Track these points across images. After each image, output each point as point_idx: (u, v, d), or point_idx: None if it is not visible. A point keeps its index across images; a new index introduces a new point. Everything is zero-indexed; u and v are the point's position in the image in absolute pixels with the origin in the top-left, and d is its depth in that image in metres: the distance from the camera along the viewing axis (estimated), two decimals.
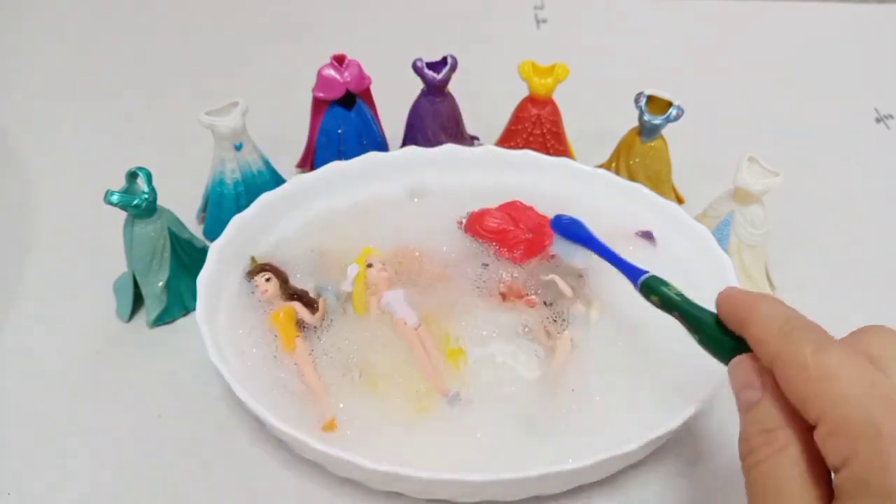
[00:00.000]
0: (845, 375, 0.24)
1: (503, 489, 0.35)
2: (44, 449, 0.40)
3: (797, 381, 0.25)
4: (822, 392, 0.24)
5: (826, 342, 0.26)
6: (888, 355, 0.25)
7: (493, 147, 0.51)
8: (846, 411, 0.23)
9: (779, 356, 0.26)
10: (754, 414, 0.27)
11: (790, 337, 0.26)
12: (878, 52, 0.74)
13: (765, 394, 0.27)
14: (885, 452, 0.22)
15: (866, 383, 0.24)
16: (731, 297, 0.30)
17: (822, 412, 0.24)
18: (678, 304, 0.33)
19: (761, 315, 0.28)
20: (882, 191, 0.58)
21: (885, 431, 0.22)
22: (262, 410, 0.35)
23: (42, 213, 0.54)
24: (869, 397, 0.23)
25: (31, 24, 0.75)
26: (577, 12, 0.78)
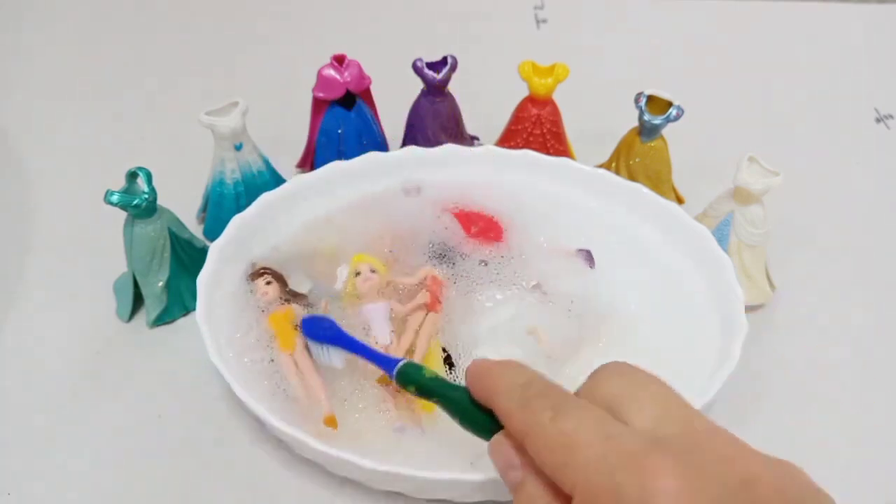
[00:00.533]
0: (583, 439, 0.24)
1: (503, 489, 0.35)
2: (44, 449, 0.40)
3: (544, 454, 0.25)
4: (566, 461, 0.24)
5: (563, 405, 0.25)
6: (623, 396, 0.26)
7: (493, 147, 0.51)
8: (590, 478, 0.23)
9: (522, 430, 0.26)
10: (522, 494, 0.26)
11: (529, 406, 0.26)
12: (878, 52, 0.74)
13: (526, 472, 0.26)
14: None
15: (602, 441, 0.24)
16: (477, 369, 0.29)
17: (572, 483, 0.24)
18: (434, 387, 0.32)
19: (502, 388, 0.27)
20: (882, 191, 0.58)
21: (627, 495, 0.22)
22: (261, 410, 0.35)
23: (42, 213, 0.54)
24: (607, 457, 0.23)
25: (31, 24, 0.75)
26: (577, 12, 0.78)
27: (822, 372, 0.44)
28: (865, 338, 0.47)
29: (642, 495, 0.22)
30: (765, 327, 0.46)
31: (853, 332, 0.47)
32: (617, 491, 0.23)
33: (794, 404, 0.42)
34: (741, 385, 0.37)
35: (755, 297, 0.46)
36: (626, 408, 0.25)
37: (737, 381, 0.37)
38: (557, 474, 0.24)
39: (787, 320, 0.47)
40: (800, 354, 0.45)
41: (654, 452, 0.23)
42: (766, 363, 0.44)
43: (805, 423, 0.42)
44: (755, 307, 0.47)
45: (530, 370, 0.28)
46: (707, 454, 0.24)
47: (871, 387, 0.44)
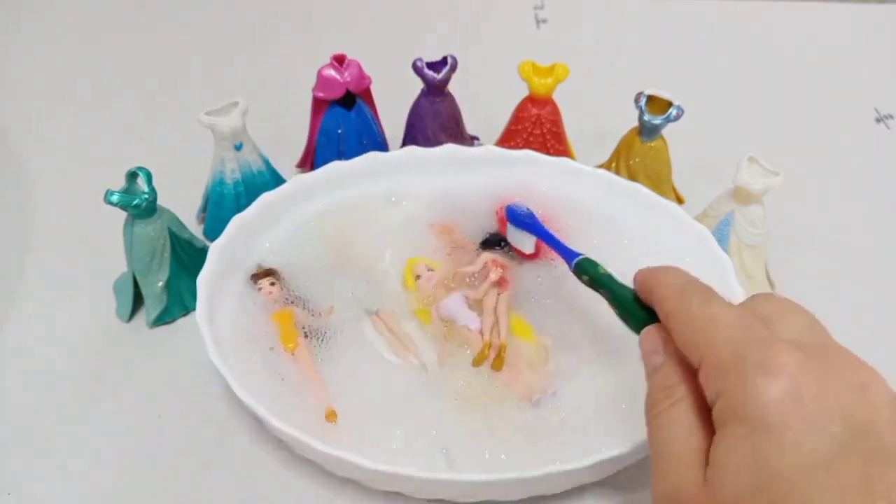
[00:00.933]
0: (723, 321, 0.26)
1: (503, 489, 0.35)
2: (44, 449, 0.40)
3: (685, 330, 0.28)
4: (703, 337, 0.27)
5: (712, 297, 0.28)
6: (774, 310, 0.28)
7: (493, 147, 0.51)
8: (721, 351, 0.26)
9: (672, 311, 0.29)
10: (658, 375, 0.29)
11: (683, 294, 0.29)
12: (878, 52, 0.74)
13: (667, 357, 0.29)
14: (748, 381, 0.24)
15: (740, 326, 0.26)
16: (645, 271, 0.32)
17: (702, 355, 0.26)
18: (604, 281, 0.36)
19: (664, 281, 0.31)
20: (882, 191, 0.58)
21: (749, 365, 0.24)
22: (262, 410, 0.35)
23: (42, 213, 0.54)
24: (741, 337, 0.26)
25: (31, 24, 0.75)
26: (577, 12, 0.78)
27: None
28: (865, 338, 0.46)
29: (764, 366, 0.24)
30: None
31: (853, 333, 0.46)
32: (741, 358, 0.25)
33: None
34: None
35: None
36: (773, 323, 0.27)
37: None
38: (692, 348, 0.27)
39: None
40: None
41: (785, 343, 0.25)
42: None
43: None
44: None
45: (690, 274, 0.31)
46: (835, 359, 0.25)
47: None
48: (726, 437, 0.24)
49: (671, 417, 0.27)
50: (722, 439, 0.24)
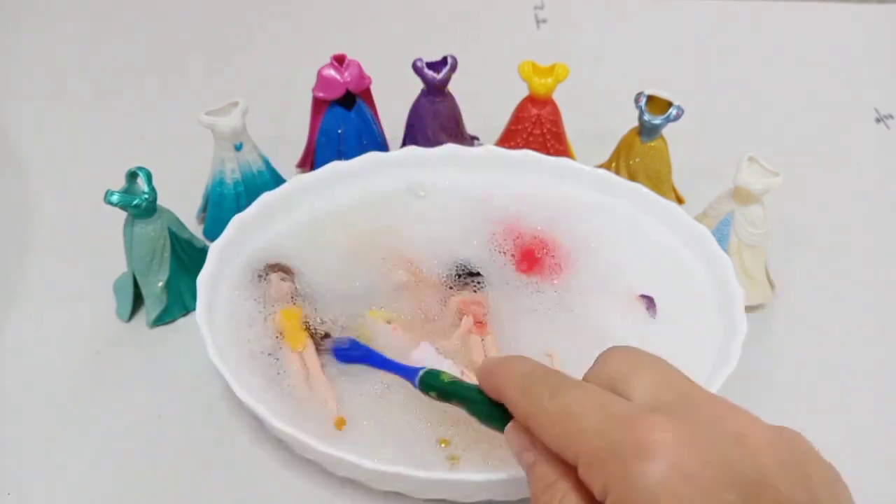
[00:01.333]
0: (580, 409, 0.25)
1: (503, 489, 0.35)
2: (44, 449, 0.40)
3: (546, 431, 0.26)
4: (566, 432, 0.25)
5: (560, 385, 0.27)
6: (625, 373, 0.27)
7: (493, 147, 0.51)
8: (589, 443, 0.24)
9: (526, 413, 0.27)
10: (535, 473, 0.27)
11: (530, 390, 0.27)
12: (878, 52, 0.74)
13: (537, 453, 0.27)
14: (628, 471, 0.23)
15: (598, 409, 0.25)
16: (485, 366, 0.31)
17: (574, 452, 0.25)
18: (453, 390, 0.33)
19: (507, 378, 0.29)
20: (882, 191, 0.58)
21: (624, 450, 0.23)
22: (262, 410, 0.35)
23: (42, 213, 0.54)
24: (604, 423, 0.24)
25: (31, 24, 0.75)
26: (577, 12, 0.78)
27: (822, 372, 0.44)
28: (865, 338, 0.47)
29: (639, 449, 0.23)
30: (765, 327, 0.46)
31: (853, 332, 0.47)
32: (614, 448, 0.23)
33: (793, 404, 0.42)
34: (741, 385, 0.37)
35: (755, 297, 0.46)
36: (626, 384, 0.26)
37: (737, 381, 0.37)
38: (560, 446, 0.26)
39: (787, 320, 0.47)
40: (800, 354, 0.45)
41: (648, 413, 0.24)
42: (766, 363, 0.44)
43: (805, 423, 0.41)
44: (755, 307, 0.47)
45: (533, 361, 0.30)
46: (702, 413, 0.24)
47: (871, 386, 0.44)
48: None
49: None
50: None
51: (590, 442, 0.24)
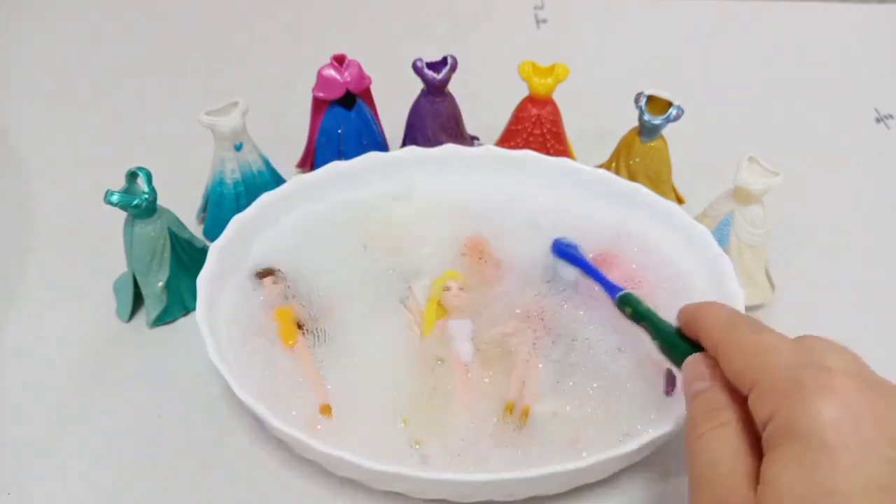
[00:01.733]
0: (775, 349, 0.27)
1: (503, 489, 0.35)
2: (44, 449, 0.40)
3: (736, 357, 0.28)
4: (755, 363, 0.27)
5: (763, 327, 0.29)
6: (821, 349, 0.28)
7: (493, 147, 0.51)
8: (775, 375, 0.26)
9: (722, 340, 0.29)
10: (702, 398, 0.29)
11: (733, 324, 0.30)
12: (878, 52, 0.74)
13: (713, 383, 0.29)
14: (806, 401, 0.24)
15: (795, 352, 0.27)
16: (688, 306, 0.34)
17: (754, 380, 0.27)
18: (647, 315, 0.37)
19: (710, 313, 0.32)
20: (882, 191, 0.58)
21: (807, 384, 0.25)
22: (262, 410, 0.35)
23: (42, 213, 0.54)
24: (795, 362, 0.26)
25: (31, 24, 0.75)
26: (577, 12, 0.78)
27: None
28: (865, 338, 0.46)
29: (820, 387, 0.24)
30: None
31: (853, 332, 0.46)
32: (797, 382, 0.25)
33: None
34: None
35: (755, 297, 0.46)
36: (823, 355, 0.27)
37: None
38: (743, 374, 0.27)
39: (787, 320, 0.47)
40: None
41: (840, 371, 0.26)
42: None
43: None
44: (755, 307, 0.47)
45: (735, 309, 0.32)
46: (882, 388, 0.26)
47: None
48: (780, 456, 0.24)
49: (717, 439, 0.27)
50: (776, 459, 0.24)
51: (776, 373, 0.26)
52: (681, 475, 0.39)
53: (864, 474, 0.23)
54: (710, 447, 0.27)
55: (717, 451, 0.27)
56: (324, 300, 0.43)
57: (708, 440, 0.27)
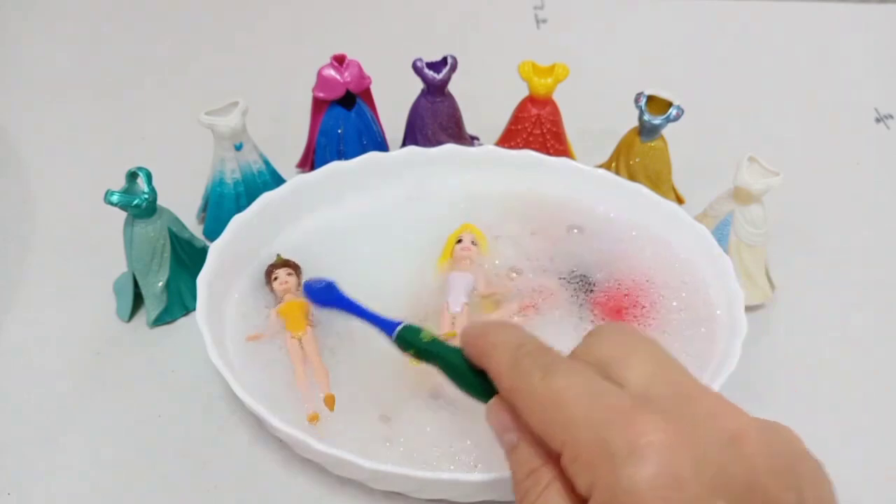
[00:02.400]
0: (572, 396, 0.24)
1: (503, 489, 0.35)
2: (44, 449, 0.40)
3: (533, 413, 0.25)
4: (555, 419, 0.24)
5: (553, 365, 0.25)
6: (619, 357, 0.26)
7: (493, 147, 0.51)
8: (577, 434, 0.23)
9: (512, 389, 0.26)
10: (517, 457, 0.26)
11: (519, 366, 0.26)
12: (878, 52, 0.74)
13: (521, 435, 0.26)
14: (617, 473, 0.22)
15: (591, 398, 0.24)
16: (472, 330, 0.29)
17: (560, 440, 0.24)
18: (433, 350, 0.31)
19: (496, 347, 0.27)
20: (882, 191, 0.58)
21: (615, 451, 0.22)
22: (262, 410, 0.35)
23: (42, 213, 0.54)
24: (595, 414, 0.23)
25: (31, 24, 0.75)
26: (577, 12, 0.78)
27: (821, 372, 0.44)
28: (865, 338, 0.47)
29: (630, 449, 0.22)
30: (765, 327, 0.46)
31: (853, 332, 0.47)
32: (604, 446, 0.22)
33: (793, 404, 0.42)
34: (741, 385, 0.37)
35: (755, 297, 0.46)
36: (620, 369, 0.25)
37: (737, 381, 0.37)
38: (547, 432, 0.24)
39: (787, 320, 0.47)
40: (800, 354, 0.45)
41: (641, 409, 0.23)
42: (766, 363, 0.44)
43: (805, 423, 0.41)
44: (755, 307, 0.47)
45: (524, 331, 0.28)
46: (696, 411, 0.24)
47: (871, 387, 0.44)
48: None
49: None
50: None
51: (579, 434, 0.23)
52: None
53: None
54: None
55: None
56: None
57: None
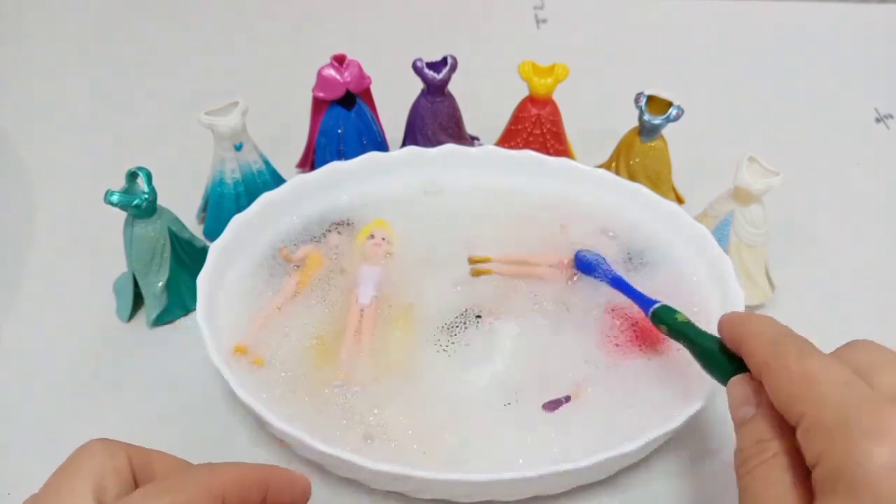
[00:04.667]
0: (824, 378, 0.26)
1: (503, 489, 0.35)
2: (44, 449, 0.40)
3: (781, 386, 0.27)
4: (802, 394, 0.26)
5: (810, 350, 0.27)
6: (872, 363, 0.27)
7: (493, 147, 0.51)
8: (822, 411, 0.25)
9: (767, 364, 0.28)
10: (749, 427, 0.28)
11: (778, 346, 0.28)
12: (878, 52, 0.74)
13: (759, 409, 0.28)
14: (854, 446, 0.23)
15: (843, 384, 0.25)
16: (731, 318, 0.32)
17: (801, 413, 0.25)
18: (684, 330, 0.35)
19: (755, 330, 0.30)
20: (882, 191, 0.58)
21: (854, 429, 0.23)
22: (262, 410, 0.35)
23: (42, 213, 0.54)
24: (845, 397, 0.25)
25: (30, 24, 0.75)
26: (577, 12, 0.78)
27: None
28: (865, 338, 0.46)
29: (872, 429, 0.23)
30: None
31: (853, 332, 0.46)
32: (846, 422, 0.24)
33: None
34: None
35: (755, 297, 0.46)
36: (873, 374, 0.26)
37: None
38: (789, 405, 0.26)
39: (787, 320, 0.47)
40: None
41: (889, 403, 0.24)
42: None
43: None
44: (755, 307, 0.47)
45: (781, 324, 0.30)
46: None
47: None
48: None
49: (766, 474, 0.26)
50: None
51: (823, 409, 0.25)
52: (680, 475, 0.39)
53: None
54: (760, 483, 0.26)
55: (767, 489, 0.26)
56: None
57: (757, 475, 0.27)
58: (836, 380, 0.25)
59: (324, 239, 0.46)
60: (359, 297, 0.43)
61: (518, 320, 0.42)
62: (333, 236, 0.46)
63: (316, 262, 0.45)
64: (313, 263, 0.45)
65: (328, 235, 0.46)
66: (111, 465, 0.27)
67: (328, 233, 0.46)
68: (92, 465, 0.27)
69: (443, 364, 0.40)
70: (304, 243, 0.46)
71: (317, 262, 0.45)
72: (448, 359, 0.40)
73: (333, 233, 0.47)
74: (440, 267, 0.45)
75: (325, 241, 0.46)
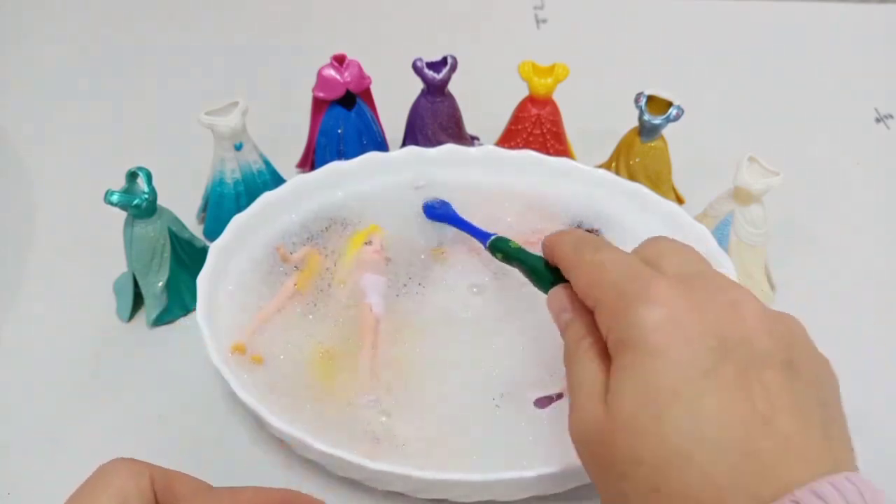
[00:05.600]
0: (611, 266, 0.29)
1: (503, 489, 0.35)
2: (44, 449, 0.40)
3: (580, 278, 0.30)
4: (595, 281, 0.29)
5: (603, 246, 0.31)
6: (660, 252, 0.30)
7: (493, 147, 0.51)
8: (606, 293, 0.28)
9: (569, 262, 0.32)
10: (570, 330, 0.31)
11: (577, 248, 0.32)
12: (878, 52, 0.74)
13: (575, 313, 0.31)
14: (630, 312, 0.26)
15: (625, 267, 0.29)
16: (548, 237, 0.35)
17: (595, 298, 0.29)
18: (516, 254, 0.38)
19: (562, 239, 0.33)
20: (882, 191, 0.58)
21: (630, 296, 0.27)
22: (262, 410, 0.35)
23: (42, 213, 0.54)
24: (625, 277, 0.28)
25: (30, 24, 0.75)
26: (577, 12, 0.78)
27: None
28: (865, 338, 0.47)
29: (644, 297, 0.26)
30: None
31: (853, 332, 0.47)
32: (624, 296, 0.27)
33: None
34: None
35: None
36: (659, 261, 0.29)
37: None
38: (587, 293, 0.30)
39: None
40: None
41: (663, 277, 0.28)
42: None
43: None
44: None
45: (586, 233, 0.34)
46: (710, 283, 0.28)
47: (871, 387, 0.44)
48: (619, 367, 0.26)
49: (580, 361, 0.29)
50: (616, 370, 0.27)
51: (607, 290, 0.28)
52: None
53: (688, 366, 0.25)
54: (576, 370, 0.29)
55: (581, 373, 0.29)
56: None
57: (574, 365, 0.29)
58: (620, 265, 0.29)
59: (323, 239, 0.46)
60: (373, 308, 0.42)
61: (513, 318, 0.42)
62: (333, 236, 0.46)
63: (315, 262, 0.45)
64: (313, 264, 0.45)
65: (328, 236, 0.46)
66: (135, 485, 0.27)
67: (328, 233, 0.46)
68: (117, 485, 0.27)
69: (442, 364, 0.40)
70: (304, 243, 0.46)
71: (316, 263, 0.45)
72: (448, 358, 0.40)
73: (333, 233, 0.46)
74: (441, 268, 0.45)
75: (324, 242, 0.46)
